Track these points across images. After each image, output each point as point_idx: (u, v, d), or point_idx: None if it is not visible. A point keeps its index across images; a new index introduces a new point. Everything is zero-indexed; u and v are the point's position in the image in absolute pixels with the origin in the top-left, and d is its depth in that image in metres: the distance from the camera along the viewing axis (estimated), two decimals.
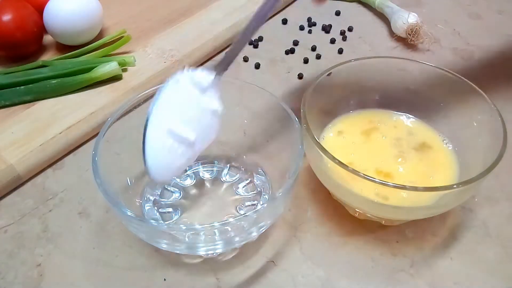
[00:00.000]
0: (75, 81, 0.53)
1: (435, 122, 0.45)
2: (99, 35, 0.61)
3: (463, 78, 0.42)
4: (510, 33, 0.65)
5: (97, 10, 0.59)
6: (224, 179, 0.43)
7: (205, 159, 0.45)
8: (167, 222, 0.39)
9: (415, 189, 0.34)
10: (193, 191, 0.42)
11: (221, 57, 0.37)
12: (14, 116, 0.50)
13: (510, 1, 0.72)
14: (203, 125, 0.36)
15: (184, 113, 0.35)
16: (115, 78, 0.54)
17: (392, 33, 0.65)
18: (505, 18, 0.69)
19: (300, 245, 0.40)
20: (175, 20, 0.64)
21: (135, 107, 0.41)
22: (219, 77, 0.36)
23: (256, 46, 0.63)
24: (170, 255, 0.39)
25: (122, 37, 0.58)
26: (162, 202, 0.41)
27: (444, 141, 0.44)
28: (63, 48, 0.59)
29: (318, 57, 0.61)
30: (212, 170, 0.44)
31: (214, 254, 0.39)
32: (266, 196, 0.41)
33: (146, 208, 0.40)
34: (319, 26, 0.67)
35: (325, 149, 0.36)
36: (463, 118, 0.43)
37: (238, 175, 0.43)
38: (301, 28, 0.67)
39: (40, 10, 0.57)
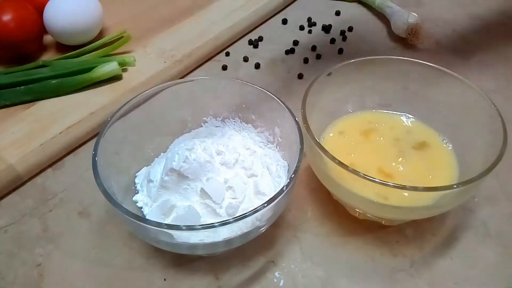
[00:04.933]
0: (75, 81, 0.53)
1: (435, 122, 0.45)
2: (99, 35, 0.61)
3: (463, 78, 0.42)
4: (510, 33, 0.65)
5: (97, 10, 0.59)
6: None
7: None
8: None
9: (415, 189, 0.34)
10: None
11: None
12: (14, 116, 0.50)
13: (510, 1, 0.72)
14: None
15: None
16: (115, 78, 0.54)
17: (392, 33, 0.65)
18: (505, 18, 0.69)
19: (300, 245, 0.40)
20: (175, 20, 0.64)
21: (135, 107, 0.41)
22: None
23: (256, 46, 0.63)
24: (170, 255, 0.39)
25: (122, 37, 0.58)
26: None
27: (444, 140, 0.44)
28: (63, 48, 0.59)
29: (318, 57, 0.61)
30: None
31: (214, 254, 0.39)
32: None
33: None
34: (319, 26, 0.67)
35: (325, 149, 0.36)
36: (463, 118, 0.43)
37: None
38: (301, 28, 0.67)
39: (40, 10, 0.57)
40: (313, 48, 0.63)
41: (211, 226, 0.32)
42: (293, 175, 0.34)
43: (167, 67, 0.57)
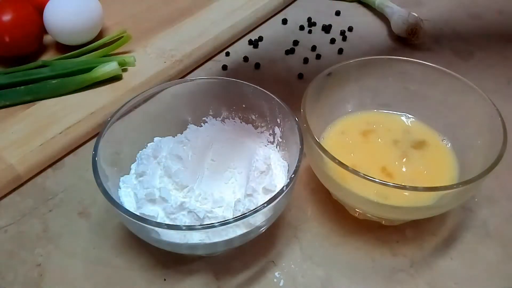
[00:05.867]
0: (75, 81, 0.53)
1: (435, 122, 0.45)
2: (99, 35, 0.61)
3: (463, 78, 0.42)
4: (510, 33, 0.65)
5: (97, 10, 0.59)
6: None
7: None
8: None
9: (415, 189, 0.34)
10: None
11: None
12: (14, 116, 0.50)
13: (510, 1, 0.72)
14: None
15: None
16: (115, 78, 0.54)
17: (392, 33, 0.65)
18: (505, 18, 0.69)
19: (300, 245, 0.40)
20: (175, 20, 0.64)
21: (135, 107, 0.41)
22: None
23: (256, 46, 0.63)
24: (170, 255, 0.39)
25: (122, 37, 0.58)
26: None
27: (444, 140, 0.44)
28: (63, 48, 0.59)
29: (318, 57, 0.61)
30: None
31: (214, 254, 0.39)
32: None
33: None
34: (319, 26, 0.67)
35: (325, 149, 0.36)
36: (463, 118, 0.43)
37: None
38: (301, 28, 0.67)
39: (40, 10, 0.57)
40: (313, 48, 0.63)
41: (211, 226, 0.32)
42: (293, 175, 0.34)
43: (167, 67, 0.57)
